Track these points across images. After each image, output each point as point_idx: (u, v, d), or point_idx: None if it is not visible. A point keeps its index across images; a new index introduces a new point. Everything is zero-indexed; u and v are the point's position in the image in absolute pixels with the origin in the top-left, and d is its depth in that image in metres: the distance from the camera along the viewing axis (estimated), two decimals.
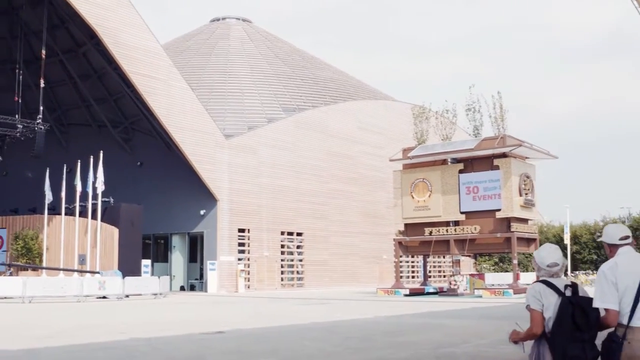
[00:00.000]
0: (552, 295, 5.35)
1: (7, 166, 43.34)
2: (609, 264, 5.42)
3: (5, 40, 44.89)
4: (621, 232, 5.56)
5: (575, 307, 5.25)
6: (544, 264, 5.53)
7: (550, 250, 5.61)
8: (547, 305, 5.35)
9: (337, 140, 50.00)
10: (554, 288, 5.37)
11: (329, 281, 47.54)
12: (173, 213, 42.38)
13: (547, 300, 5.35)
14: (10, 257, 37.50)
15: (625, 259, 5.40)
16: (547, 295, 5.37)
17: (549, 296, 5.36)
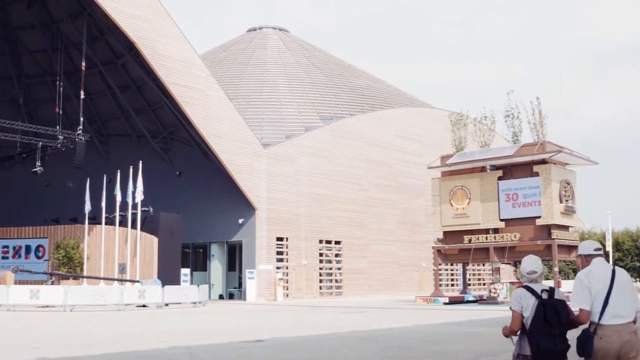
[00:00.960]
0: (531, 298, 6.51)
1: (49, 177, 43.83)
2: (584, 271, 6.59)
3: (46, 53, 45.57)
4: (594, 245, 6.77)
5: (547, 308, 6.38)
6: (525, 272, 6.79)
7: (531, 260, 6.83)
8: (526, 306, 6.51)
9: (375, 148, 49.85)
10: (533, 292, 6.54)
11: (368, 289, 47.36)
12: (212, 222, 42.54)
13: (526, 302, 6.52)
14: (52, 266, 37.99)
15: (598, 268, 6.57)
16: (527, 298, 6.54)
17: (528, 299, 6.52)
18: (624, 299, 6.37)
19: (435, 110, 57.97)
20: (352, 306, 34.66)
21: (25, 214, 47.05)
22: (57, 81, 41.73)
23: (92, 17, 39.97)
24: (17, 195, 50.52)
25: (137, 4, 36.72)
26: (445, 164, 38.44)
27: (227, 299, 43.03)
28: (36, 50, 46.15)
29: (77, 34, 41.68)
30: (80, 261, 37.52)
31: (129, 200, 36.24)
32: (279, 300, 40.90)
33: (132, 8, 36.42)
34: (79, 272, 37.01)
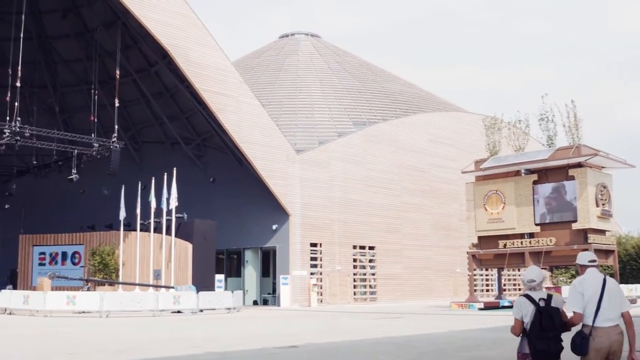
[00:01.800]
0: (530, 305, 7.52)
1: (84, 184, 44.25)
2: (579, 279, 7.66)
3: (81, 62, 46.09)
4: (589, 257, 7.87)
5: (543, 314, 7.40)
6: (525, 280, 7.78)
7: (531, 270, 7.86)
8: (526, 313, 7.54)
9: (408, 153, 49.68)
10: (532, 300, 7.54)
11: (402, 295, 47.16)
12: (246, 228, 42.66)
13: (526, 309, 7.54)
14: (87, 272, 38.36)
15: (591, 276, 7.63)
16: (526, 305, 7.56)
17: (527, 306, 7.54)
18: (612, 304, 7.46)
19: (469, 114, 57.66)
20: (386, 312, 34.53)
21: (61, 221, 47.53)
22: (92, 89, 42.18)
23: (126, 26, 40.35)
24: (54, 202, 51.09)
25: (171, 13, 37.01)
26: (480, 169, 38.18)
27: (261, 304, 43.08)
28: (71, 59, 46.69)
29: (111, 42, 42.10)
30: (115, 267, 37.85)
31: (163, 206, 36.47)
32: (313, 306, 40.87)
33: (166, 16, 36.71)
34: (115, 279, 37.33)
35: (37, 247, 41.49)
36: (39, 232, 42.74)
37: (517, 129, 39.53)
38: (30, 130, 36.73)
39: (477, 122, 46.53)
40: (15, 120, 35.58)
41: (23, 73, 37.35)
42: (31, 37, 43.72)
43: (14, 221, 49.97)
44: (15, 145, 36.85)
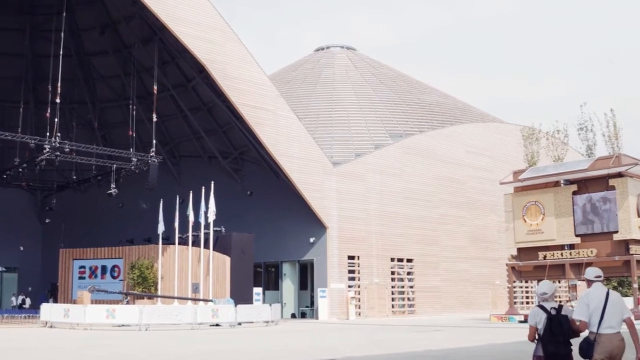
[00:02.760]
0: (542, 314, 8.70)
1: (123, 198, 44.65)
2: (585, 292, 8.80)
3: (119, 78, 46.62)
4: (595, 273, 8.92)
5: (553, 322, 8.57)
6: (538, 293, 9.06)
7: (542, 284, 9.05)
8: (539, 321, 8.72)
9: (445, 165, 49.43)
10: (544, 309, 8.72)
11: (441, 308, 46.83)
12: (283, 241, 42.69)
13: (539, 317, 8.73)
14: (127, 286, 38.60)
15: (596, 290, 8.74)
16: (539, 314, 8.74)
17: (540, 315, 8.73)
18: (614, 314, 8.57)
19: (506, 125, 57.25)
20: (425, 325, 34.28)
21: (100, 235, 48.01)
22: (130, 105, 42.59)
23: (163, 42, 40.74)
24: (93, 216, 51.61)
25: (207, 28, 37.30)
26: (518, 180, 37.81)
27: (299, 317, 43.03)
28: (109, 75, 47.25)
29: (148, 58, 42.52)
30: (154, 281, 38.05)
31: (201, 220, 36.61)
32: (351, 319, 40.73)
33: (202, 32, 37.01)
34: (154, 292, 37.52)
35: (77, 261, 41.90)
36: (78, 246, 43.18)
37: (555, 139, 39.13)
38: (69, 146, 37.20)
39: (515, 132, 46.18)
40: (55, 136, 36.07)
41: (62, 89, 37.90)
42: (70, 54, 44.34)
43: (55, 235, 50.61)
44: (55, 160, 37.32)
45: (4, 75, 47.87)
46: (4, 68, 47.45)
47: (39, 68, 46.39)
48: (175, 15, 36.04)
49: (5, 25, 45.38)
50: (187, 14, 36.49)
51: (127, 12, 41.75)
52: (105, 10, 43.73)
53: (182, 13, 36.31)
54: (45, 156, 36.73)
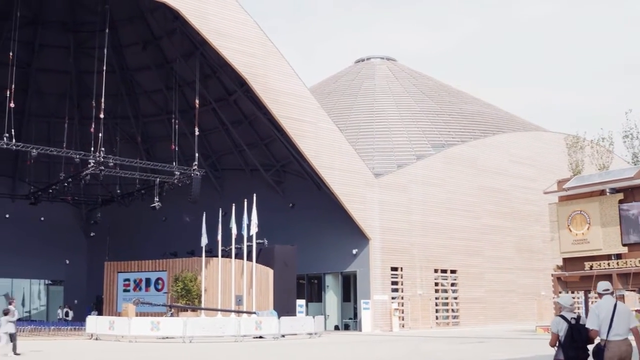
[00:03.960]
0: (564, 323, 9.88)
1: (166, 212, 45.01)
2: (596, 304, 10.01)
3: (161, 92, 47.09)
4: (604, 287, 10.14)
5: (573, 329, 9.79)
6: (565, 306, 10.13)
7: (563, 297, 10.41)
8: (560, 328, 9.87)
9: (488, 175, 49.01)
10: (565, 319, 9.90)
11: (485, 319, 46.35)
12: (326, 253, 42.65)
13: (561, 326, 9.88)
14: (171, 298, 38.87)
15: (605, 302, 9.95)
16: (561, 323, 9.90)
17: (562, 324, 9.89)
18: (621, 323, 9.73)
19: (550, 133, 56.63)
20: (469, 336, 33.97)
21: (144, 248, 48.40)
22: (172, 119, 43.00)
23: (204, 56, 41.06)
24: (137, 230, 52.12)
25: (248, 42, 37.54)
26: (562, 189, 37.28)
27: (343, 329, 42.90)
28: (152, 90, 47.75)
29: (190, 73, 42.88)
30: (198, 293, 38.24)
31: (244, 233, 36.74)
32: (395, 331, 40.51)
33: (243, 46, 37.25)
34: (197, 304, 37.70)
35: (121, 274, 42.29)
36: (123, 259, 43.58)
37: (600, 147, 38.59)
38: (114, 160, 37.70)
39: (558, 141, 45.64)
40: (100, 151, 36.55)
41: (106, 105, 38.42)
42: (113, 70, 44.94)
43: (100, 249, 51.16)
44: (100, 175, 37.80)
45: (50, 92, 48.70)
46: (49, 84, 48.27)
47: (83, 84, 47.07)
48: (217, 30, 36.34)
49: (50, 42, 46.19)
50: (228, 28, 36.78)
51: (169, 27, 42.20)
52: (147, 26, 44.26)
53: (223, 27, 36.61)
54: (90, 171, 37.26)
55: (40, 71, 47.53)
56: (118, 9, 42.23)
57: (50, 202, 48.10)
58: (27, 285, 53.53)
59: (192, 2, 35.48)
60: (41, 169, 48.82)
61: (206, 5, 36.09)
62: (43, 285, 54.68)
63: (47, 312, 53.40)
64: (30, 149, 36.24)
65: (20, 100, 44.52)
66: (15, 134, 35.88)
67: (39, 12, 44.35)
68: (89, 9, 43.45)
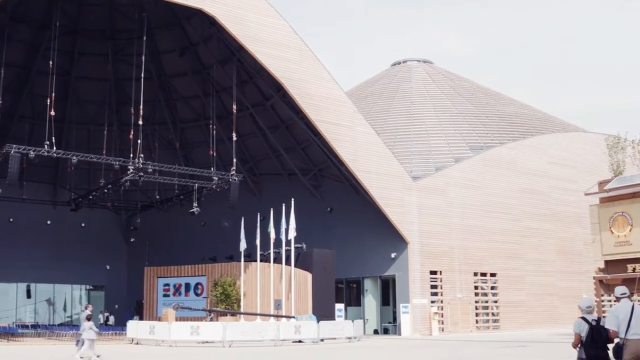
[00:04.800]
0: (585, 325, 10.73)
1: (205, 217, 45.25)
2: (615, 307, 10.86)
3: (198, 98, 47.38)
4: (621, 291, 11.01)
5: (594, 330, 10.61)
6: (583, 307, 10.99)
7: (585, 300, 11.12)
8: (582, 329, 10.73)
9: (528, 177, 48.51)
10: (586, 321, 10.74)
11: (526, 323, 45.84)
12: (364, 257, 42.54)
13: (583, 327, 10.74)
14: (210, 303, 39.06)
15: (622, 305, 10.77)
16: (583, 324, 10.77)
17: (583, 325, 10.75)
18: (639, 324, 10.53)
19: (590, 134, 55.92)
20: (510, 340, 33.64)
21: (184, 253, 48.74)
22: (210, 125, 43.24)
23: (241, 62, 41.23)
24: (176, 235, 52.44)
25: (284, 47, 37.61)
26: (604, 190, 36.73)
27: (382, 333, 42.75)
28: (189, 96, 48.04)
29: (227, 78, 43.09)
30: (237, 298, 38.39)
31: (282, 237, 36.80)
32: (435, 335, 40.25)
33: (279, 51, 37.33)
34: (236, 309, 37.85)
35: (161, 279, 42.65)
36: (162, 264, 43.96)
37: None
38: (152, 166, 38.02)
39: (599, 142, 45.07)
40: (139, 157, 36.90)
41: (144, 111, 38.76)
42: (151, 77, 45.30)
43: (139, 254, 51.67)
44: (139, 181, 38.20)
45: (89, 99, 49.29)
46: (88, 92, 48.86)
47: (121, 91, 47.58)
48: (253, 36, 36.47)
49: (89, 50, 46.77)
50: (264, 33, 36.89)
51: (205, 34, 42.46)
52: (184, 33, 44.57)
53: (259, 33, 36.72)
54: (130, 177, 37.64)
55: (79, 79, 48.13)
56: (155, 16, 42.64)
57: (90, 209, 48.68)
58: (69, 291, 54.24)
59: (229, 8, 35.66)
60: (81, 175, 49.49)
61: (242, 11, 36.24)
62: (84, 291, 55.35)
63: None
64: (70, 156, 36.70)
65: (61, 108, 45.12)
66: (55, 141, 36.37)
67: (78, 21, 44.93)
68: (127, 17, 43.87)
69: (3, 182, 36.64)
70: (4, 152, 35.10)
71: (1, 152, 35.75)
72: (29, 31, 44.09)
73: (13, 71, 44.04)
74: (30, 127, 46.10)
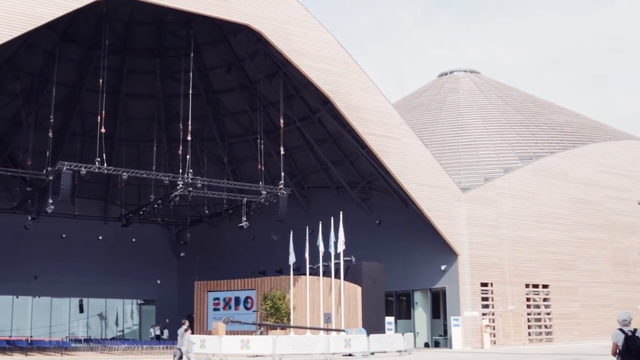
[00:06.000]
0: (621, 335, 11.63)
1: (254, 231, 45.35)
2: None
3: (246, 113, 47.62)
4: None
5: (629, 340, 11.53)
6: (620, 320, 11.85)
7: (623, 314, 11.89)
8: (618, 340, 11.63)
9: (579, 186, 47.74)
10: (623, 332, 11.64)
11: (579, 335, 45.05)
12: (414, 269, 42.25)
13: (619, 337, 11.64)
14: (260, 316, 39.13)
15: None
16: (620, 335, 11.66)
17: (620, 335, 11.64)
18: None
19: None
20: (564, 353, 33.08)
21: (233, 267, 48.92)
22: (257, 139, 43.45)
23: (288, 76, 41.37)
24: (226, 249, 52.67)
25: (330, 60, 37.67)
26: None
27: (433, 347, 42.36)
28: (237, 111, 48.30)
29: (274, 93, 43.28)
30: (287, 311, 38.38)
31: (331, 250, 36.75)
32: (487, 348, 39.77)
33: (326, 64, 37.39)
34: (286, 322, 37.83)
35: (211, 293, 42.86)
36: (212, 279, 44.17)
37: None
38: (201, 181, 38.35)
39: None
40: (188, 172, 37.24)
41: (193, 127, 39.11)
42: (199, 93, 45.66)
43: (189, 268, 52.03)
44: (188, 196, 38.54)
45: (138, 116, 49.89)
46: (138, 109, 49.49)
47: (170, 107, 48.08)
48: (299, 50, 36.60)
49: (138, 68, 47.40)
50: (310, 47, 37.01)
51: (252, 49, 42.70)
52: (230, 48, 44.89)
53: (305, 47, 36.85)
54: (179, 192, 37.97)
55: (129, 96, 48.77)
56: (202, 33, 43.04)
57: (140, 224, 49.25)
58: (120, 305, 54.83)
59: (275, 23, 35.86)
60: (132, 191, 50.06)
61: (288, 26, 36.42)
62: (135, 305, 55.87)
63: (139, 331, 54.52)
64: (120, 172, 37.16)
65: (111, 125, 45.75)
66: (106, 158, 36.86)
67: (126, 39, 45.60)
68: (174, 35, 44.40)
69: (56, 198, 37.23)
70: (56, 169, 35.72)
71: (54, 169, 36.39)
72: (79, 51, 44.90)
73: (64, 90, 44.89)
74: (81, 144, 46.84)
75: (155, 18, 43.98)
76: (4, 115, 45.56)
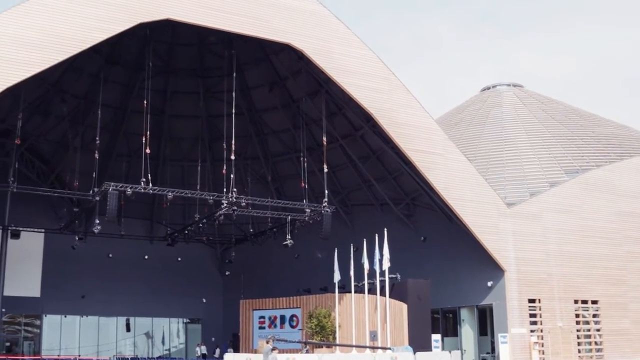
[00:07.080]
0: None
1: (298, 249, 45.38)
2: None
3: (289, 131, 47.79)
4: None
5: None
6: None
7: None
8: None
9: (629, 199, 46.80)
10: None
11: (633, 352, 44.09)
12: (460, 286, 41.86)
13: None
14: (305, 335, 39.04)
15: None
16: None
17: None
18: None
19: None
20: None
21: (278, 285, 48.96)
22: (301, 157, 43.56)
23: (330, 94, 41.44)
24: (270, 267, 52.72)
25: (372, 77, 37.67)
26: None
27: None
28: (280, 129, 48.48)
29: (316, 111, 43.37)
30: (332, 329, 38.24)
31: (376, 267, 36.60)
32: None
33: (367, 81, 37.40)
34: (332, 340, 37.69)
35: (256, 312, 42.93)
36: (257, 297, 44.25)
37: None
38: (245, 200, 38.55)
39: None
40: (232, 191, 37.49)
41: (236, 146, 39.38)
42: (242, 112, 45.97)
43: (235, 287, 52.24)
44: (233, 215, 38.73)
45: (183, 136, 50.34)
46: (182, 130, 49.95)
47: (213, 127, 48.46)
48: (341, 67, 36.67)
49: (181, 89, 47.89)
50: (351, 65, 37.05)
51: (294, 67, 42.87)
52: (272, 67, 45.14)
53: (347, 65, 36.91)
54: (224, 211, 38.21)
55: (172, 117, 49.24)
56: (244, 53, 43.36)
57: (186, 243, 49.53)
58: (167, 324, 55.11)
59: (316, 41, 36.01)
60: (177, 211, 50.43)
61: (330, 44, 36.53)
62: (181, 324, 56.14)
63: (185, 349, 54.75)
64: (166, 192, 37.50)
65: (155, 145, 46.16)
66: (151, 178, 37.18)
67: (169, 60, 46.13)
68: (216, 55, 44.79)
69: (102, 219, 37.71)
70: (102, 190, 36.18)
71: (100, 190, 36.86)
72: (123, 72, 45.51)
73: (110, 112, 45.54)
74: (127, 165, 47.45)
75: (197, 39, 44.43)
76: (52, 137, 46.30)
